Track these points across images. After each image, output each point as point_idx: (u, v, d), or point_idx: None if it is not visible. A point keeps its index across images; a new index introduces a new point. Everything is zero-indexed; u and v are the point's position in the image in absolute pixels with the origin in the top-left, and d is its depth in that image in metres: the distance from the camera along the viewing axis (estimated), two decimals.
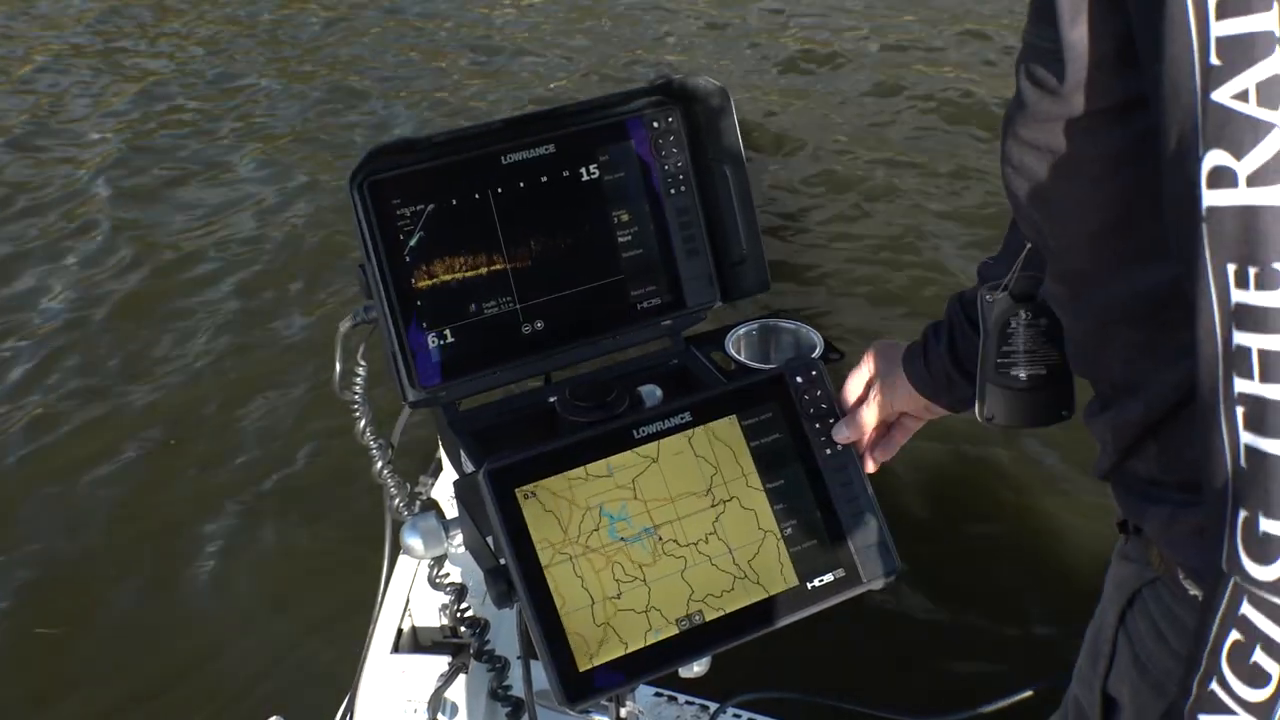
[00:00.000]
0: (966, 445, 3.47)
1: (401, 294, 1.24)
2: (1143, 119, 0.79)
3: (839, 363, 1.36)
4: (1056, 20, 0.82)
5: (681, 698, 2.16)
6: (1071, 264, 0.96)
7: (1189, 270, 0.72)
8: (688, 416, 1.19)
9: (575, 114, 1.32)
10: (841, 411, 1.26)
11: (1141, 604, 1.07)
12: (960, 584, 3.06)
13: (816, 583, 1.19)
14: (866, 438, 1.29)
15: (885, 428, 1.31)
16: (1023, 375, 1.18)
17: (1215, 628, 0.73)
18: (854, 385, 1.30)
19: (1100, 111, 0.84)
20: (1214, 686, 0.74)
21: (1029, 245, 1.10)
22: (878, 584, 1.22)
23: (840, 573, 1.20)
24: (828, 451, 1.23)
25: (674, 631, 1.13)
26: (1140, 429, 0.96)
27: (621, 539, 1.13)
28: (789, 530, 1.19)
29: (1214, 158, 0.70)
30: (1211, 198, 0.70)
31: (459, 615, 1.53)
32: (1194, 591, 0.97)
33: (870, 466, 1.29)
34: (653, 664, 1.12)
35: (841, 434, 1.24)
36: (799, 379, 1.25)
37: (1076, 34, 0.81)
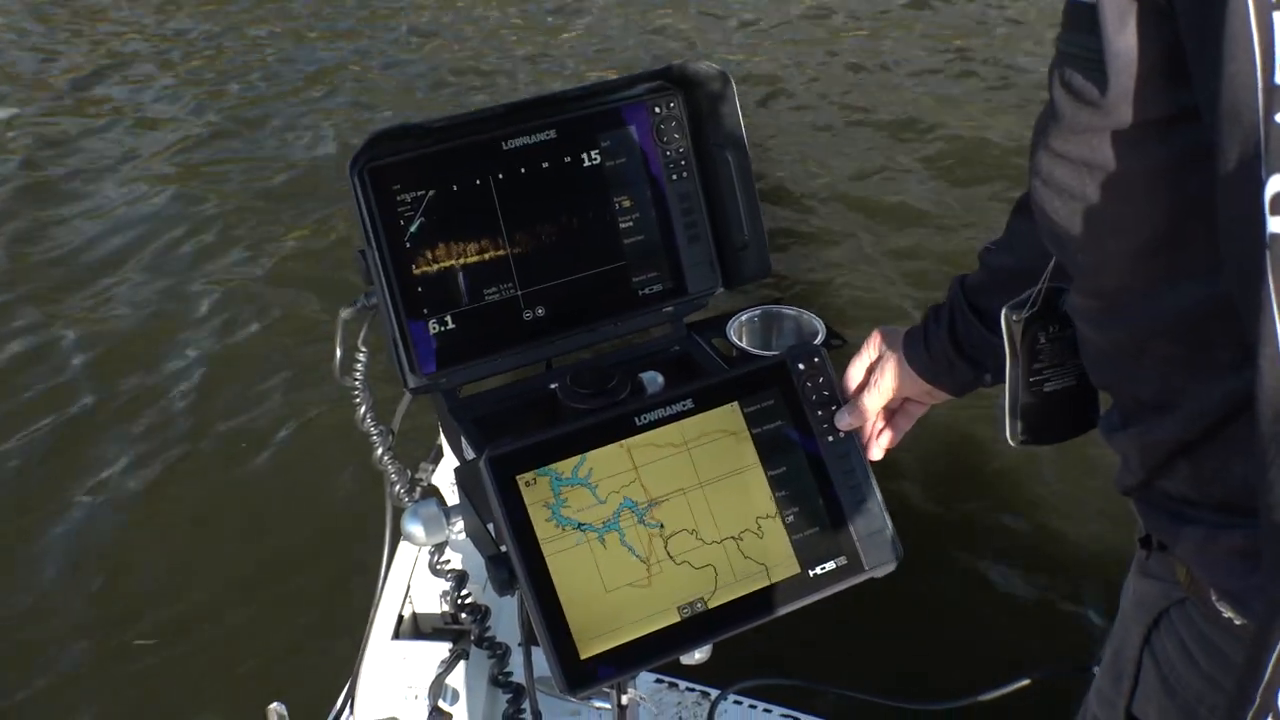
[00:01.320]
0: (970, 433, 3.47)
1: (402, 280, 1.23)
2: (1190, 131, 0.75)
3: (841, 349, 1.36)
4: (1100, 27, 0.77)
5: (682, 684, 2.16)
6: (1107, 280, 0.91)
7: (1250, 298, 0.68)
8: (689, 403, 1.19)
9: (577, 99, 1.31)
10: (844, 398, 1.26)
11: (1169, 625, 1.04)
12: (961, 572, 3.07)
13: (818, 570, 1.18)
14: (869, 424, 1.28)
15: (889, 415, 1.31)
16: (1055, 389, 1.15)
17: (1271, 665, 0.69)
18: (856, 371, 1.29)
19: (1147, 123, 0.79)
20: None
21: (1054, 259, 1.05)
22: (880, 572, 1.21)
23: (842, 560, 1.20)
24: (830, 438, 1.23)
25: (675, 619, 1.12)
26: (1172, 447, 0.92)
27: (623, 526, 1.13)
28: (791, 517, 1.19)
29: (1278, 183, 0.66)
30: (1276, 224, 0.66)
31: (460, 602, 1.52)
32: (1228, 614, 0.93)
33: (875, 454, 1.28)
34: (654, 651, 1.12)
35: (844, 420, 1.24)
36: (801, 365, 1.24)
37: (1123, 42, 0.77)
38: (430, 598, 1.96)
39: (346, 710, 1.75)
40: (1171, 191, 0.81)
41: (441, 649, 1.84)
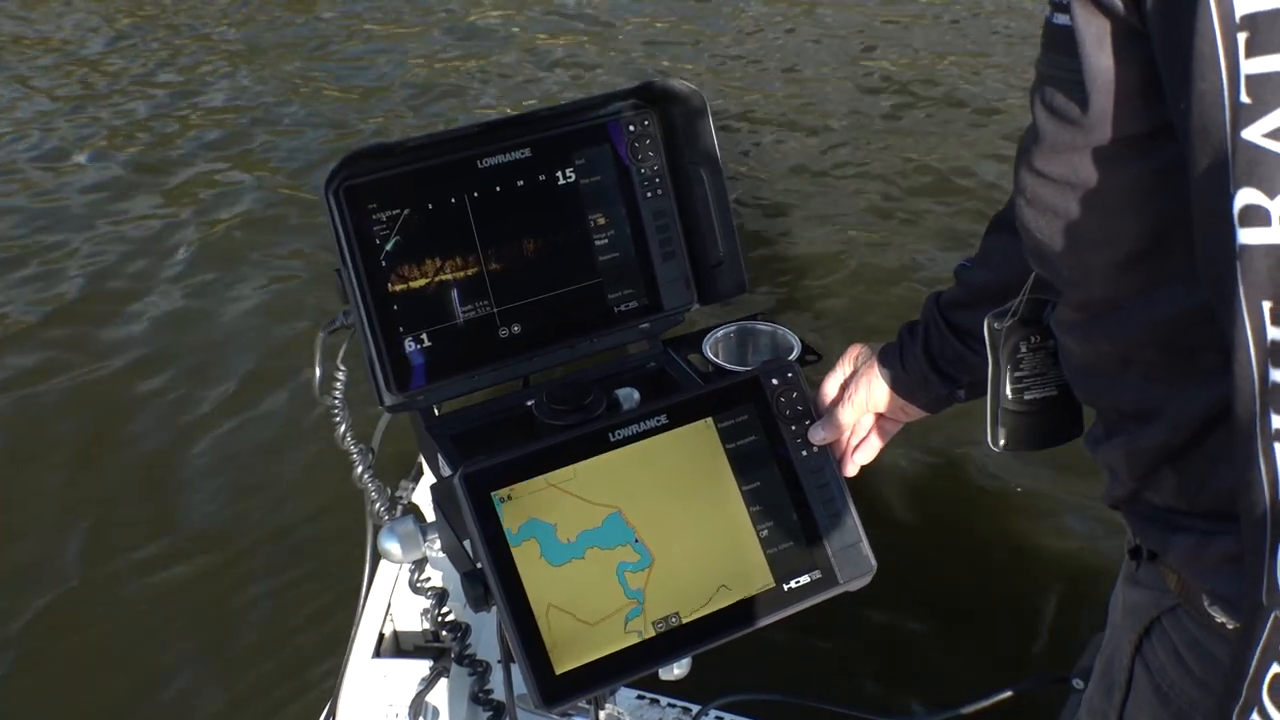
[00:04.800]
0: (943, 447, 3.48)
1: (378, 298, 1.24)
2: (1169, 146, 0.77)
3: (816, 364, 1.36)
4: (1078, 48, 0.80)
5: (664, 700, 2.16)
6: (1092, 292, 0.92)
7: (1224, 306, 0.71)
8: (663, 419, 1.19)
9: (551, 118, 1.32)
10: (818, 413, 1.27)
11: (1161, 633, 1.05)
12: (937, 585, 3.07)
13: (793, 584, 1.19)
14: (844, 439, 1.29)
15: (864, 431, 1.32)
16: (1035, 398, 1.16)
17: (1255, 661, 0.71)
18: (831, 386, 1.30)
19: (1127, 139, 0.82)
20: (1254, 718, 0.72)
21: (1034, 272, 1.06)
22: (854, 585, 1.22)
23: (816, 574, 1.20)
24: (804, 453, 1.24)
25: (650, 634, 1.13)
26: (1158, 455, 0.94)
27: (597, 541, 1.13)
28: (765, 532, 1.19)
29: (1245, 196, 0.68)
30: (1245, 236, 0.69)
31: (440, 619, 1.53)
32: (1221, 619, 0.94)
33: (849, 470, 1.29)
34: (630, 666, 1.12)
35: (817, 435, 1.25)
36: (774, 381, 1.25)
37: (1101, 62, 0.79)
38: (411, 615, 1.96)
39: None
40: (1152, 204, 0.84)
41: (422, 667, 1.83)
